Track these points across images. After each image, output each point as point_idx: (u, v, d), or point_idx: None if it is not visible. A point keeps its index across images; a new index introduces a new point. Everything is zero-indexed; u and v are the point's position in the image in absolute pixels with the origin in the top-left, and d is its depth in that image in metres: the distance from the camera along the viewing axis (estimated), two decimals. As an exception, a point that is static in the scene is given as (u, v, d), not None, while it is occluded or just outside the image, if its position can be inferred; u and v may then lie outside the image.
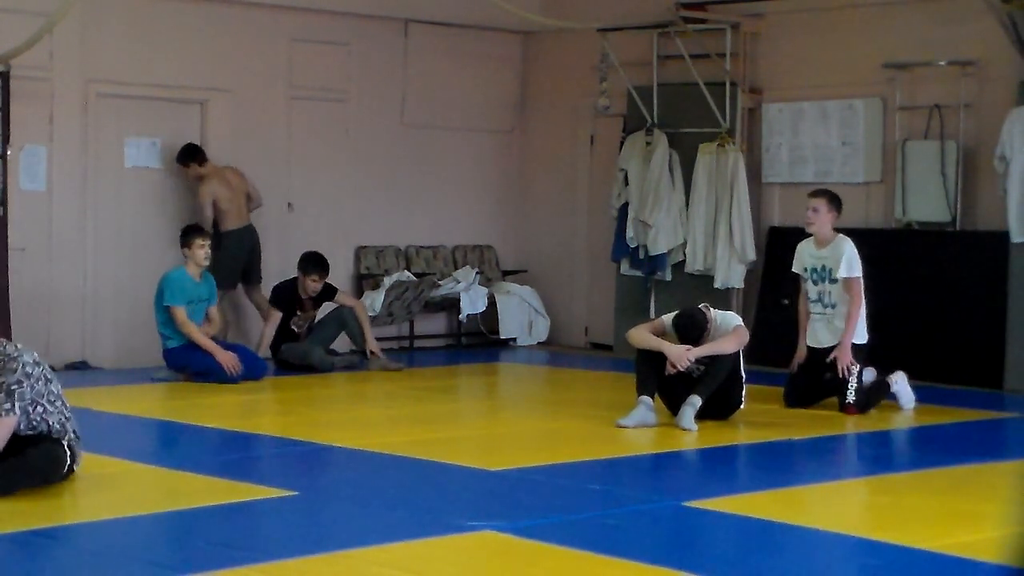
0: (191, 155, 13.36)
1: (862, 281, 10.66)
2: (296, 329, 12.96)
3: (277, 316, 12.93)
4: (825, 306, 10.72)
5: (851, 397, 10.50)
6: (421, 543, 6.56)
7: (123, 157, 13.45)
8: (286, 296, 12.97)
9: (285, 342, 12.91)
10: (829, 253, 10.74)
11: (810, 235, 10.91)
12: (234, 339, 13.05)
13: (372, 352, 12.90)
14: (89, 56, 13.04)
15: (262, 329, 13.07)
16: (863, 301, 10.61)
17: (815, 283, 10.81)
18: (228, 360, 11.71)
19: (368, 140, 14.84)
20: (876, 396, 10.70)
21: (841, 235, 10.80)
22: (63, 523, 6.88)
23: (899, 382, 10.84)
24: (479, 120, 15.68)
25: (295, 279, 13.03)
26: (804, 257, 10.91)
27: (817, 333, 10.76)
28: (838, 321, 10.64)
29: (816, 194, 10.99)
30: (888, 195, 13.27)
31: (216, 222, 13.33)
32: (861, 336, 10.69)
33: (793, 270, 11.01)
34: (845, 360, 10.51)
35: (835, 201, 10.87)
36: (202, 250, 11.96)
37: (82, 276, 13.13)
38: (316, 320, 13.10)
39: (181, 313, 11.82)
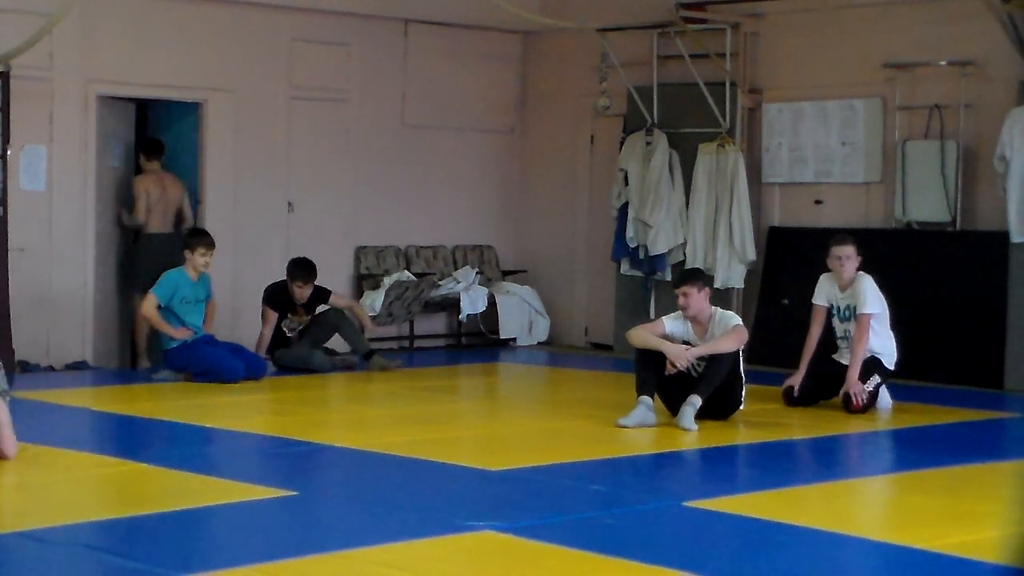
0: (147, 149, 13.47)
1: (886, 315, 10.75)
2: (288, 332, 12.82)
3: (273, 317, 12.81)
4: (851, 342, 10.77)
5: (863, 396, 10.54)
6: (421, 543, 6.56)
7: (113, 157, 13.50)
8: (278, 297, 12.82)
9: (278, 347, 12.82)
10: (852, 293, 10.78)
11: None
12: (230, 338, 12.98)
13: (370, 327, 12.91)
14: (89, 56, 13.03)
15: (260, 331, 12.96)
16: (867, 340, 10.63)
17: (841, 321, 10.87)
18: (183, 334, 11.84)
19: (368, 140, 14.84)
20: (874, 399, 10.74)
21: (860, 272, 10.81)
22: (63, 523, 6.87)
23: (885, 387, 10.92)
24: (479, 120, 15.68)
25: (286, 280, 12.94)
26: (829, 294, 10.93)
27: (845, 356, 10.81)
28: (867, 347, 10.72)
29: (843, 242, 10.89)
30: (888, 195, 13.27)
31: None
32: (893, 360, 10.80)
33: (815, 302, 10.96)
34: (856, 389, 10.55)
35: (857, 247, 10.89)
36: (204, 258, 11.97)
37: (82, 276, 13.13)
38: (305, 324, 12.88)
39: (151, 302, 11.83)
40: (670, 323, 10.09)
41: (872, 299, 10.69)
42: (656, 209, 14.07)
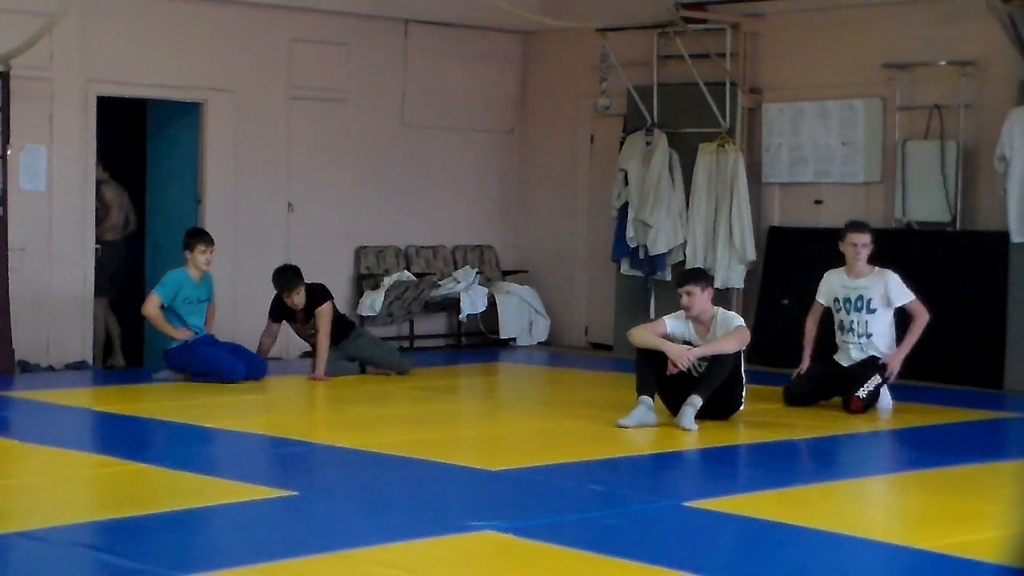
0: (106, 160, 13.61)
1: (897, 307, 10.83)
2: (306, 339, 12.53)
3: (273, 329, 12.53)
4: (859, 336, 10.78)
5: (862, 392, 10.54)
6: (421, 543, 6.56)
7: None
8: (278, 308, 12.47)
9: (309, 354, 12.52)
10: (868, 283, 10.76)
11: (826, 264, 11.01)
12: (230, 338, 12.93)
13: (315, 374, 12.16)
14: (89, 56, 13.04)
15: (260, 340, 12.60)
16: (923, 322, 10.74)
17: (848, 312, 10.84)
18: (184, 335, 11.81)
19: (368, 140, 14.84)
20: (874, 399, 10.74)
21: (879, 268, 10.82)
22: (63, 523, 6.87)
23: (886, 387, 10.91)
24: (479, 120, 15.68)
25: None
26: (835, 288, 10.91)
27: (850, 353, 10.82)
28: (871, 351, 10.74)
29: (861, 229, 10.93)
30: (888, 195, 13.27)
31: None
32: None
33: (819, 300, 11.00)
34: (895, 367, 10.63)
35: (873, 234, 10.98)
36: (204, 256, 11.96)
37: (82, 276, 13.13)
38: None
39: (154, 301, 11.80)
40: (671, 323, 10.08)
41: (906, 288, 10.74)
42: (656, 209, 14.07)
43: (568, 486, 7.93)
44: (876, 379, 10.64)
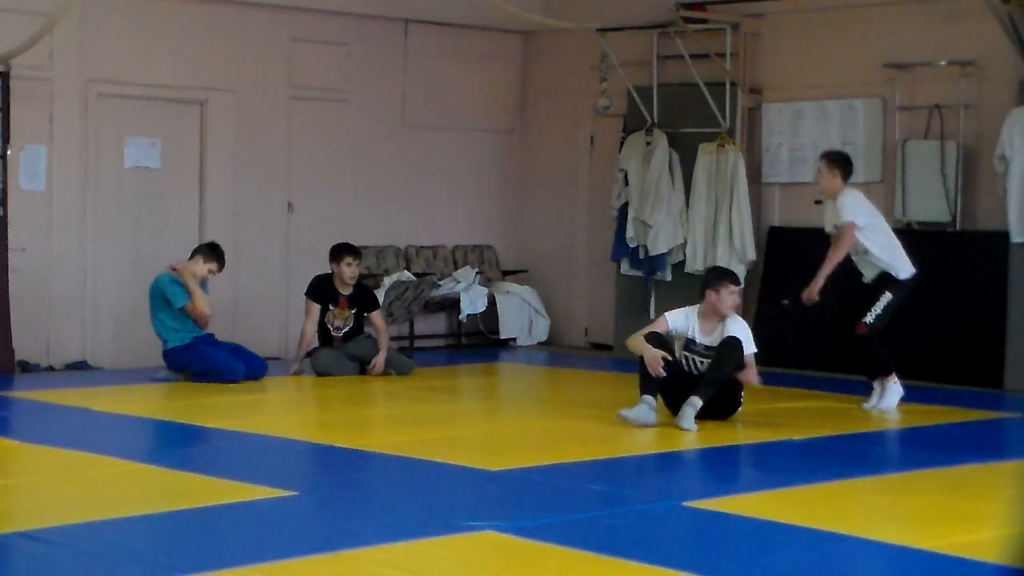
0: None
1: (857, 228, 10.75)
2: (333, 331, 12.51)
3: (315, 310, 12.46)
4: (856, 252, 10.86)
5: (869, 318, 10.64)
6: (421, 543, 6.56)
7: (123, 157, 13.46)
8: (321, 288, 12.51)
9: (323, 345, 12.52)
10: (836, 205, 10.88)
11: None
12: (230, 338, 12.95)
13: (374, 365, 12.41)
14: (89, 56, 13.04)
15: (303, 326, 12.57)
16: (843, 251, 10.72)
17: (833, 236, 10.96)
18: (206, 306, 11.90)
19: (368, 140, 14.84)
20: (883, 355, 10.75)
21: (847, 188, 10.88)
22: (63, 523, 6.87)
23: (894, 386, 10.83)
24: (479, 120, 15.68)
25: (331, 273, 12.57)
26: (828, 215, 11.07)
27: (862, 272, 10.94)
28: (874, 260, 10.80)
29: (819, 156, 11.20)
30: (888, 195, 13.26)
31: None
32: (906, 271, 10.83)
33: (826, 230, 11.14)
34: (809, 295, 10.76)
35: (835, 160, 11.00)
36: (211, 275, 12.00)
37: (82, 276, 13.13)
38: (352, 327, 12.51)
39: (192, 305, 11.84)
40: (673, 319, 10.09)
41: (850, 209, 10.75)
42: (656, 209, 14.07)
43: (568, 486, 7.93)
44: (887, 295, 10.69)
